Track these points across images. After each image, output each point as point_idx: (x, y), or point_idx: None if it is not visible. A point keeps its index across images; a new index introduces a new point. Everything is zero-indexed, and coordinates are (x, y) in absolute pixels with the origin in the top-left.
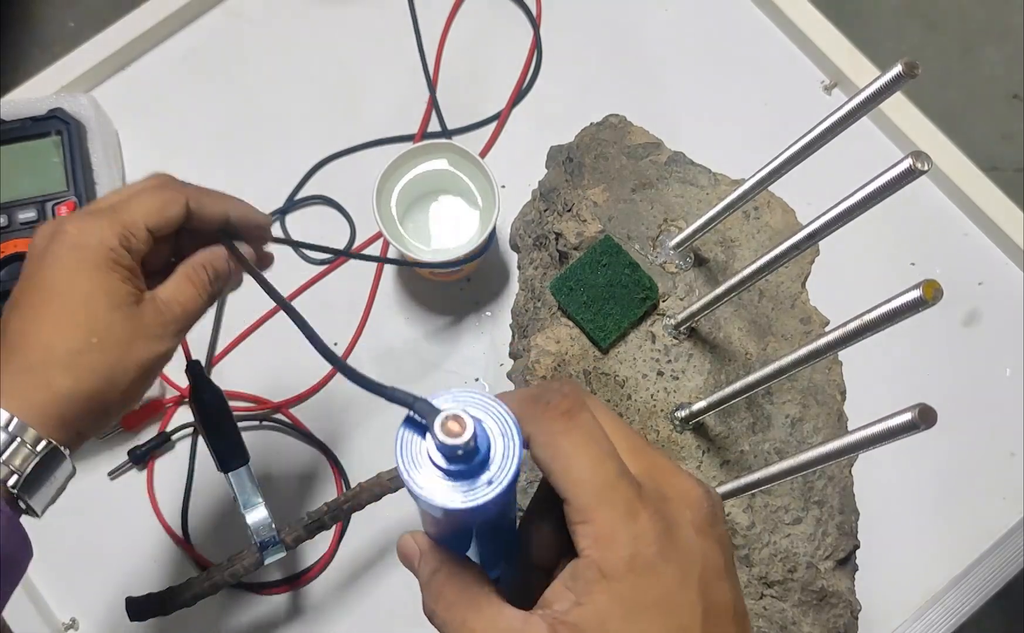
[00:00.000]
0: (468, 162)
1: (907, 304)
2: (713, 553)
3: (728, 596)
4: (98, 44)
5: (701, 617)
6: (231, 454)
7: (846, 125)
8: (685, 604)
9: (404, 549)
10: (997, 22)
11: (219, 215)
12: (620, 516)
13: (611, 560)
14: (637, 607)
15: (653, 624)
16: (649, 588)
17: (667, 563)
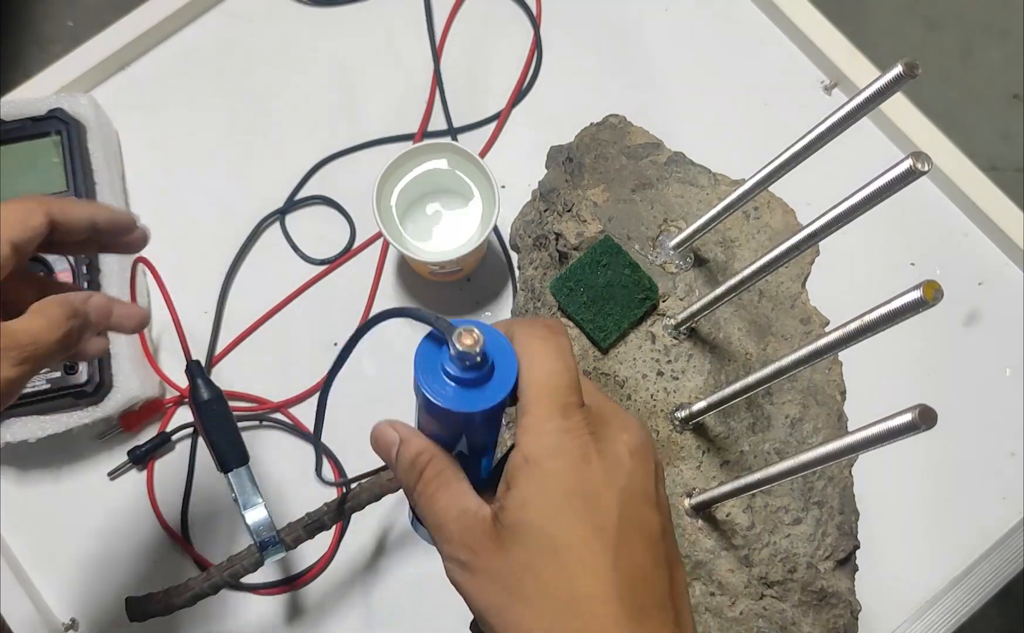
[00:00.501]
0: (468, 162)
1: (907, 304)
2: (642, 477)
3: (652, 521)
4: (98, 44)
5: (617, 522)
6: (231, 454)
7: (846, 125)
8: (604, 506)
9: (381, 437)
10: (997, 22)
11: (84, 220)
12: (554, 411)
13: (536, 447)
14: (556, 493)
15: (569, 514)
16: (569, 479)
17: (591, 464)
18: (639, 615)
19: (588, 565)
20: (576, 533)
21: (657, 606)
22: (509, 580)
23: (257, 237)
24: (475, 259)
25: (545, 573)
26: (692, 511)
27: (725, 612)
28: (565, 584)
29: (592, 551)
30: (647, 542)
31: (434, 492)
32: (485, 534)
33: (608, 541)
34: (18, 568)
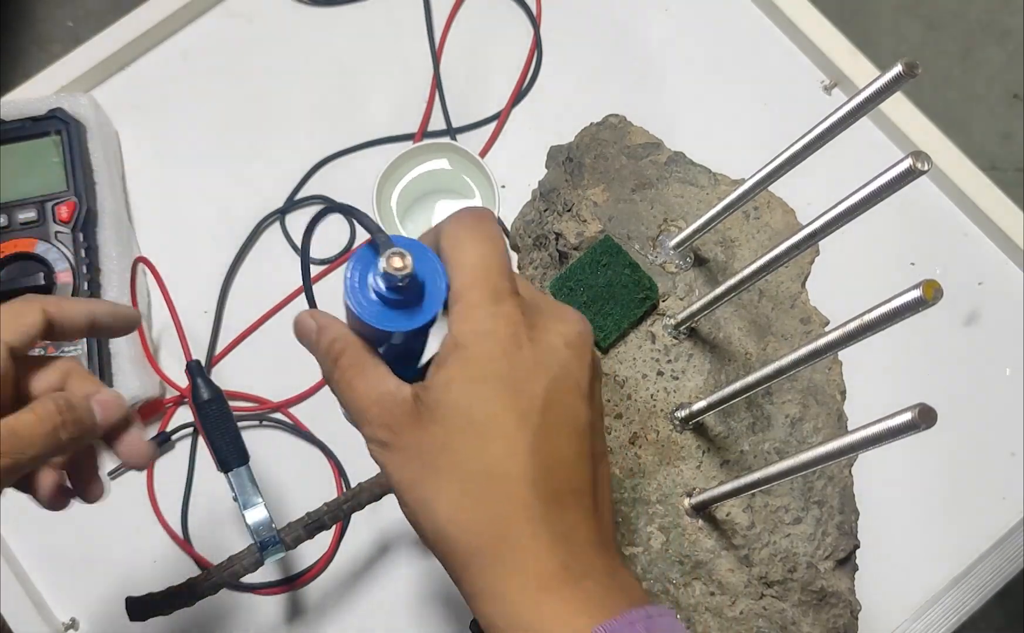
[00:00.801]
0: (468, 162)
1: (907, 304)
2: (576, 369)
3: (580, 413)
4: (98, 44)
5: (542, 408)
6: (231, 454)
7: (846, 125)
8: (529, 392)
9: (302, 325)
10: (997, 22)
11: (83, 316)
12: (486, 297)
13: (465, 331)
14: (482, 374)
15: (492, 395)
16: (497, 362)
17: (521, 350)
18: (553, 500)
19: (505, 446)
20: (497, 414)
21: (573, 494)
22: (425, 456)
23: (257, 237)
24: None
25: (461, 450)
26: (692, 511)
27: (725, 612)
28: (479, 462)
29: (511, 433)
30: (572, 433)
31: (352, 378)
32: (405, 413)
33: (530, 426)
34: (18, 568)
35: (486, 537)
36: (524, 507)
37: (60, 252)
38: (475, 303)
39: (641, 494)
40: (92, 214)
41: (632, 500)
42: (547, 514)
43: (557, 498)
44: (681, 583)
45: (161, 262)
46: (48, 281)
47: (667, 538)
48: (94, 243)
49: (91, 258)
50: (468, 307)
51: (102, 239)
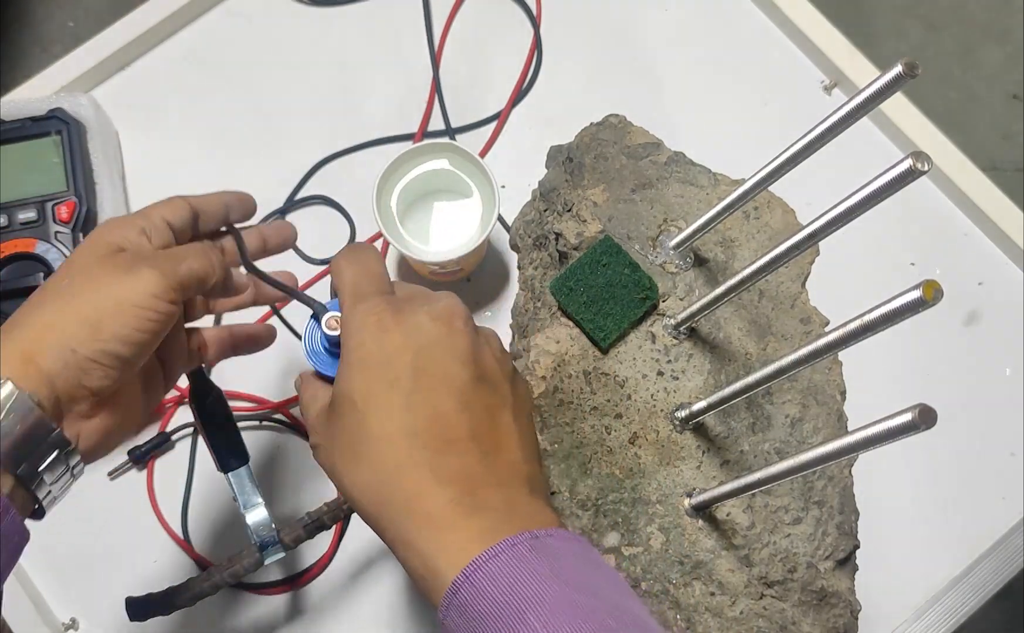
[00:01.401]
0: (468, 162)
1: (907, 304)
2: (446, 338)
3: (456, 373)
4: (98, 44)
5: (411, 374)
6: (231, 454)
7: (846, 125)
8: (398, 364)
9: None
10: (997, 22)
11: (219, 204)
12: (356, 301)
13: (344, 333)
14: (356, 361)
15: (365, 375)
16: (366, 347)
17: (388, 332)
18: (435, 449)
19: (382, 412)
20: (371, 389)
21: (457, 442)
22: (335, 443)
23: None
24: (475, 259)
25: (350, 428)
26: (692, 511)
27: (725, 612)
28: (363, 432)
29: (385, 400)
30: (448, 390)
31: (300, 396)
32: (324, 415)
33: (401, 390)
34: (18, 568)
35: (384, 494)
36: (407, 458)
37: (60, 252)
38: (348, 308)
39: (641, 494)
40: (92, 214)
41: (632, 500)
42: (431, 460)
43: (439, 447)
44: (681, 583)
45: None
46: None
47: (667, 538)
48: None
49: None
50: (345, 315)
51: None
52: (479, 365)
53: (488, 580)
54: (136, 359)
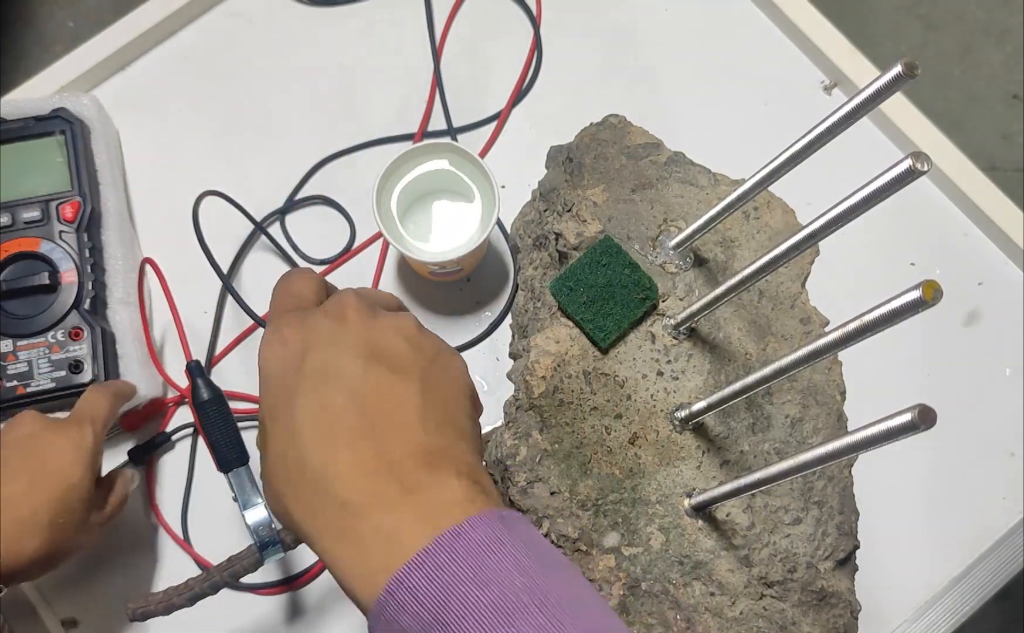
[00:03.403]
0: (468, 162)
1: (907, 304)
2: (340, 329)
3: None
4: (98, 44)
5: (304, 377)
6: (231, 454)
7: (846, 125)
8: (292, 370)
9: None
10: (997, 22)
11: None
12: (268, 322)
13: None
14: (263, 383)
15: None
16: (269, 365)
17: (286, 343)
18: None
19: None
20: (272, 405)
21: (352, 428)
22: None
23: (257, 237)
24: (475, 259)
25: (264, 449)
26: (692, 511)
27: (725, 612)
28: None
29: (283, 411)
30: (338, 380)
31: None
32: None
33: (294, 396)
34: None
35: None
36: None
37: (64, 251)
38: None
39: (641, 494)
40: (96, 214)
41: (632, 500)
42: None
43: (330, 442)
44: (681, 583)
45: (161, 262)
46: (53, 280)
47: (667, 538)
48: (98, 243)
49: (96, 258)
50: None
51: (106, 239)
52: (374, 348)
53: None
54: None
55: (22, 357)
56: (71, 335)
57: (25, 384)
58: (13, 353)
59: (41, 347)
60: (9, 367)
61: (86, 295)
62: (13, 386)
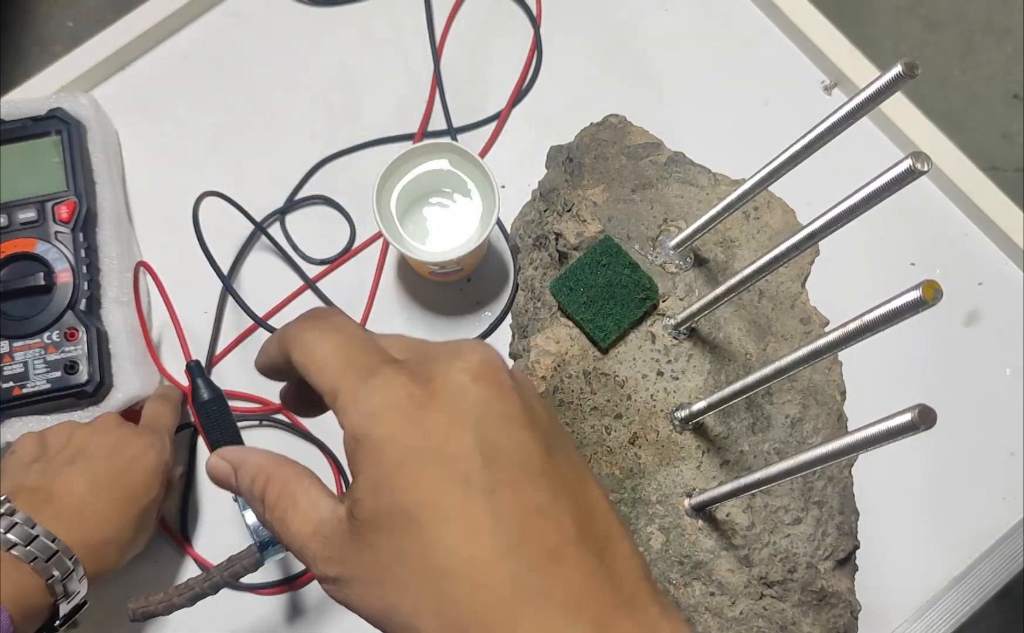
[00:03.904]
0: (468, 162)
1: (907, 304)
2: (498, 400)
3: (528, 445)
4: (98, 44)
5: (482, 463)
6: None
7: (846, 125)
8: (458, 451)
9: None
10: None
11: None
12: (361, 377)
13: (358, 421)
14: (397, 459)
15: (418, 475)
16: (406, 436)
17: (425, 410)
18: (548, 563)
19: (460, 526)
20: (434, 494)
21: (571, 544)
22: (384, 578)
23: (257, 237)
24: (475, 259)
25: (416, 554)
26: (692, 511)
27: (725, 612)
28: (439, 558)
29: (460, 509)
30: (531, 472)
31: (283, 515)
32: (346, 538)
33: (477, 489)
34: None
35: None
36: (513, 586)
37: (60, 252)
38: (352, 388)
39: (641, 494)
40: (92, 214)
41: (632, 500)
42: (545, 584)
43: (549, 560)
44: (681, 583)
45: (161, 262)
46: (48, 281)
47: (667, 538)
48: (94, 243)
49: (91, 258)
50: (348, 395)
51: (102, 239)
52: (541, 426)
53: None
54: None
55: (18, 358)
56: (66, 336)
57: (21, 385)
58: (9, 354)
59: (37, 348)
60: (5, 368)
61: (81, 295)
62: (9, 387)
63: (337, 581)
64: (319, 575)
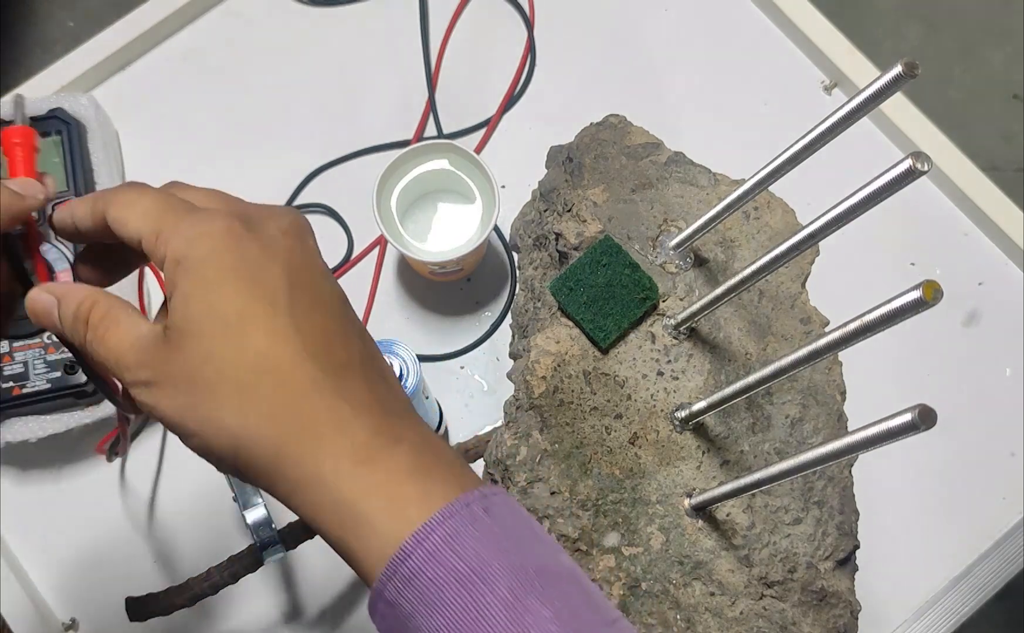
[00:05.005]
0: (468, 162)
1: (907, 304)
2: (302, 253)
3: (327, 290)
4: (98, 44)
5: (288, 290)
6: None
7: (846, 125)
8: (270, 278)
9: (36, 303)
10: (997, 22)
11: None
12: (181, 214)
13: (179, 245)
14: (215, 273)
15: (234, 291)
16: (225, 256)
17: (243, 240)
18: (338, 373)
19: (268, 333)
20: (247, 306)
21: (355, 366)
22: (194, 377)
23: None
24: (475, 259)
25: (225, 354)
26: (692, 511)
27: (725, 612)
28: (248, 357)
29: (268, 319)
30: (328, 309)
31: (104, 332)
32: (160, 346)
33: (283, 308)
34: (18, 568)
35: (284, 429)
36: (312, 385)
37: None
38: (173, 223)
39: (641, 494)
40: None
41: (632, 500)
42: (338, 386)
43: (340, 371)
44: (681, 583)
45: None
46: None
47: (667, 538)
48: None
49: None
50: (170, 229)
51: None
52: (335, 282)
53: (445, 546)
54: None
55: (18, 358)
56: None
57: (21, 385)
58: (9, 354)
59: (37, 348)
60: (5, 368)
61: None
62: (9, 387)
63: (148, 383)
64: (131, 382)
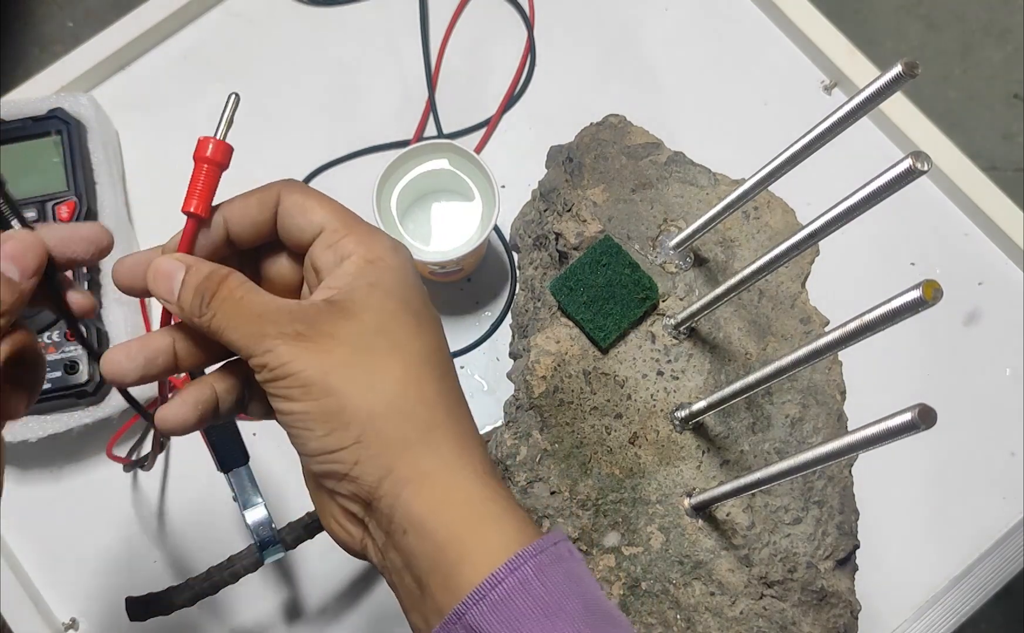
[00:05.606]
0: (468, 162)
1: (907, 304)
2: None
3: (432, 314)
4: (98, 44)
5: (421, 301)
6: (231, 454)
7: (846, 125)
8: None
9: (162, 264)
10: (997, 22)
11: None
12: (370, 229)
13: (373, 245)
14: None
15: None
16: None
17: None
18: (442, 377)
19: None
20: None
21: (451, 374)
22: (357, 340)
23: None
24: (475, 259)
25: (399, 333)
26: (692, 511)
27: (725, 612)
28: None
29: (402, 316)
30: (434, 325)
31: (243, 296)
32: (322, 310)
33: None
34: (18, 568)
35: (436, 413)
36: (458, 395)
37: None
38: (366, 228)
39: (641, 494)
40: (92, 214)
41: (632, 500)
42: (440, 384)
43: (445, 376)
44: (681, 583)
45: None
46: None
47: (667, 538)
48: None
49: None
50: (363, 231)
51: None
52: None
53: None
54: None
55: None
56: (66, 336)
57: None
58: None
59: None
60: None
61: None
62: None
63: (300, 335)
64: (275, 334)
